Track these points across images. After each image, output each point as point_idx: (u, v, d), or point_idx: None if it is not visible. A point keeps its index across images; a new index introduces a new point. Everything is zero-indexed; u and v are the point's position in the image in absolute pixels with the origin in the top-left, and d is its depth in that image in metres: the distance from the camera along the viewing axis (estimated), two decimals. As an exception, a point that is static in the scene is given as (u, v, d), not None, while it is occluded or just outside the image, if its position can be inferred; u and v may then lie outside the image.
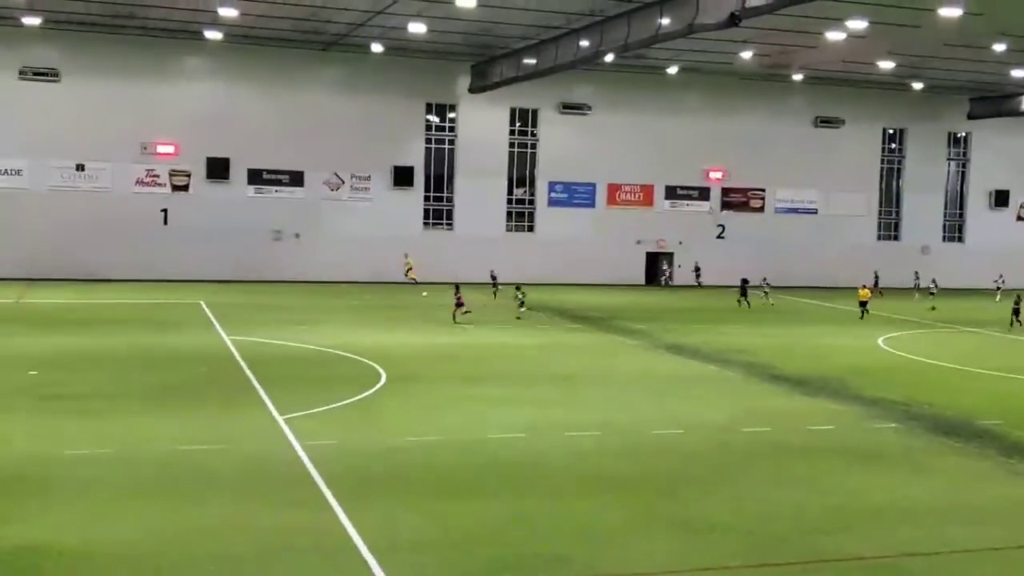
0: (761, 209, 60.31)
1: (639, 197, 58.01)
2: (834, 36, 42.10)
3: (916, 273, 54.78)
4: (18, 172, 48.41)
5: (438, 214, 55.48)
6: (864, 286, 44.55)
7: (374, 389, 23.45)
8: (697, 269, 56.52)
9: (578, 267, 55.44)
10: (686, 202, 58.92)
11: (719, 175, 59.24)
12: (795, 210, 60.88)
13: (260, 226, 51.47)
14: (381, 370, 25.76)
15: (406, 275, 50.89)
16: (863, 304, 42.21)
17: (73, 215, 48.67)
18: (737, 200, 59.87)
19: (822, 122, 60.32)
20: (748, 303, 44.94)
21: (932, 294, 48.84)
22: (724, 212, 59.46)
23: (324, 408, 21.04)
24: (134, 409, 20.54)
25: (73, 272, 47.85)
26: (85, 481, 15.29)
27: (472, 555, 12.74)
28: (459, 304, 36.67)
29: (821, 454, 18.55)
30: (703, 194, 59.18)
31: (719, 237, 59.33)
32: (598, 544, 13.27)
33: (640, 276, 57.87)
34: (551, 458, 17.64)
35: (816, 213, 61.11)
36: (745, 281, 46.62)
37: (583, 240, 56.43)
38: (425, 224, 55.02)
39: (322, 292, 47.10)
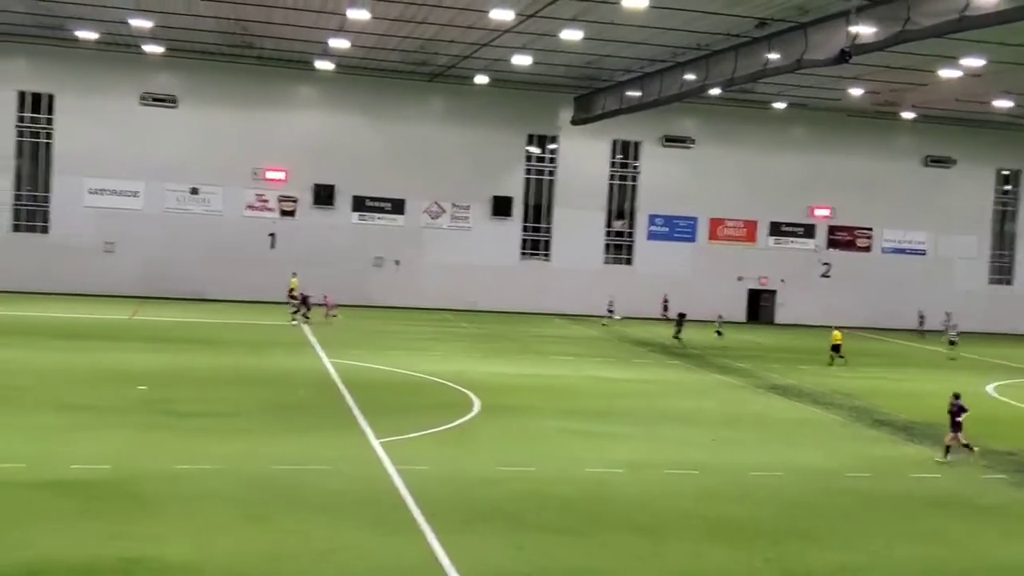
0: (868, 249, 58.93)
1: (742, 233, 57.26)
2: (948, 74, 41.06)
3: (948, 314, 52.16)
4: (135, 194, 50.24)
5: (535, 244, 55.64)
6: (838, 328, 40.22)
7: (468, 417, 23.55)
8: (665, 302, 52.67)
9: (677, 302, 54.74)
10: (790, 239, 57.95)
11: (825, 213, 58.13)
12: (903, 251, 59.31)
13: (362, 252, 52.38)
14: (475, 398, 25.86)
15: (289, 295, 46.21)
16: (835, 348, 37.96)
17: (185, 237, 50.25)
18: (843, 239, 58.62)
19: (932, 161, 58.76)
20: (681, 340, 42.12)
21: (952, 343, 43.98)
22: (830, 250, 58.27)
23: (419, 434, 21.19)
24: (238, 427, 21.01)
25: (184, 291, 49.31)
26: (189, 497, 15.66)
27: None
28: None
29: (927, 504, 17.92)
30: (808, 231, 58.13)
31: (824, 276, 58.12)
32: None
33: (741, 313, 56.97)
34: (649, 496, 17.41)
35: (925, 254, 59.44)
36: (682, 315, 43.62)
37: (682, 275, 55.88)
38: (523, 254, 55.21)
39: (420, 318, 47.59)
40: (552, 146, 55.22)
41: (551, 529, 15.14)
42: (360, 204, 52.76)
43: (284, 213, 51.91)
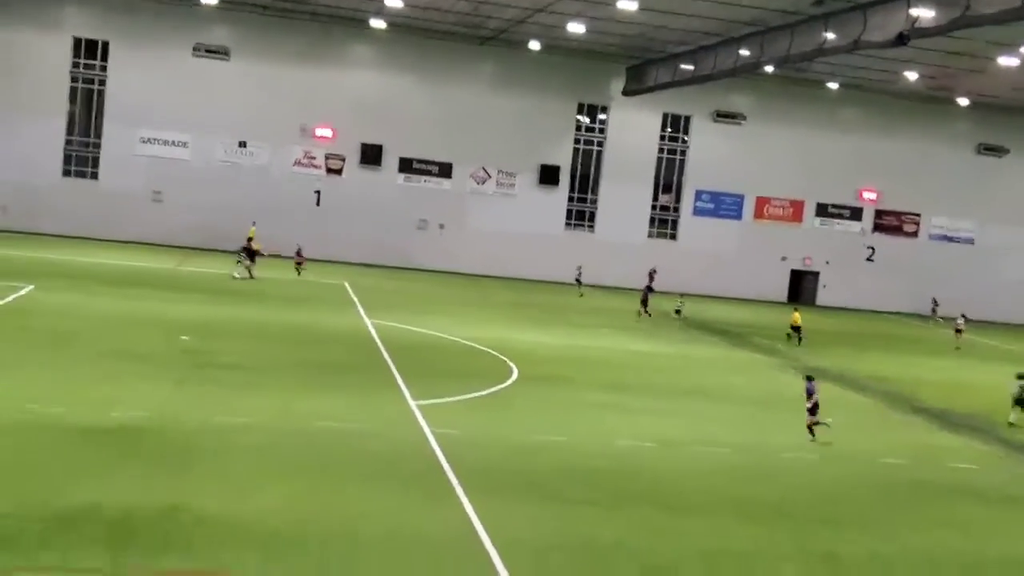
0: (915, 234, 58.20)
1: (788, 212, 56.75)
2: (1006, 61, 40.22)
3: (934, 300, 51.41)
4: (184, 144, 50.72)
5: (580, 215, 55.52)
6: (796, 309, 39.73)
7: (505, 385, 23.70)
8: (579, 270, 49.98)
9: (719, 279, 54.65)
10: (837, 221, 57.35)
11: (873, 196, 57.42)
12: (950, 238, 58.50)
13: (406, 214, 52.57)
14: (514, 366, 26.00)
15: (241, 251, 42.02)
16: (796, 329, 37.20)
17: (232, 190, 50.70)
18: (890, 223, 57.92)
19: (985, 149, 57.74)
20: (649, 313, 40.51)
21: (959, 331, 42.55)
22: (875, 234, 57.59)
23: (456, 398, 21.39)
24: (277, 382, 21.29)
25: (228, 244, 49.79)
26: (226, 449, 15.96)
27: (591, 561, 12.76)
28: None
29: (963, 494, 17.81)
30: (855, 214, 57.48)
31: (868, 260, 57.51)
32: (718, 567, 13.12)
33: (783, 293, 56.59)
34: (678, 473, 17.49)
35: (973, 243, 58.57)
36: (649, 288, 42.67)
37: (726, 252, 55.56)
38: (567, 224, 55.12)
39: (461, 284, 47.79)
40: (602, 116, 54.92)
41: (579, 501, 15.25)
42: (407, 166, 52.88)
43: (330, 171, 52.18)
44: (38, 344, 22.70)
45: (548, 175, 53.99)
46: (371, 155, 52.24)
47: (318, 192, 51.84)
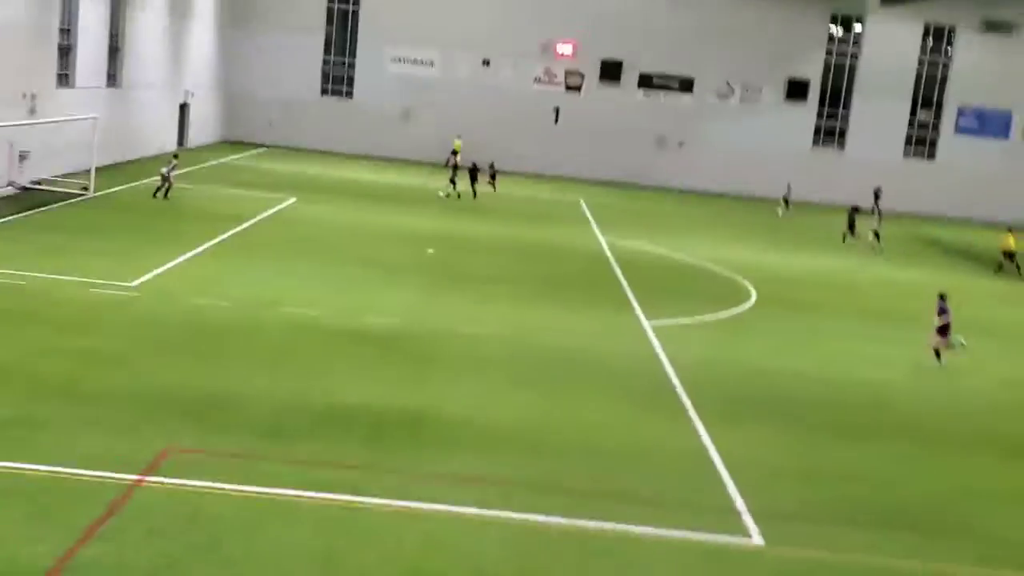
0: None
1: (1063, 131, 51.86)
2: None
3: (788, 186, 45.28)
4: (431, 63, 52.10)
5: (829, 132, 52.97)
6: (1011, 230, 34.18)
7: (743, 307, 23.25)
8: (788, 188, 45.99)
9: (983, 203, 50.88)
10: (1119, 142, 51.89)
11: None
12: None
13: (645, 131, 51.94)
14: (752, 289, 25.44)
15: (448, 163, 43.54)
16: (1009, 256, 33.15)
17: (476, 107, 51.70)
18: None
19: None
20: (855, 236, 36.41)
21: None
22: None
23: (691, 320, 21.21)
24: (518, 295, 21.85)
25: (468, 161, 50.98)
26: (469, 357, 16.60)
27: (828, 490, 12.45)
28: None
29: None
30: None
31: None
32: (973, 504, 12.50)
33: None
34: (935, 406, 16.68)
35: None
36: (855, 209, 37.66)
37: (991, 173, 51.56)
38: (814, 142, 52.79)
39: (700, 203, 46.95)
40: (857, 27, 51.79)
41: (819, 429, 14.87)
42: (646, 81, 52.03)
43: (569, 88, 52.16)
44: (298, 252, 24.26)
45: (796, 90, 51.70)
46: (610, 71, 51.76)
47: (557, 109, 52.06)
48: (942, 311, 19.15)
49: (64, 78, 32.99)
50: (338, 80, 52.92)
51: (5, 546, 8.90)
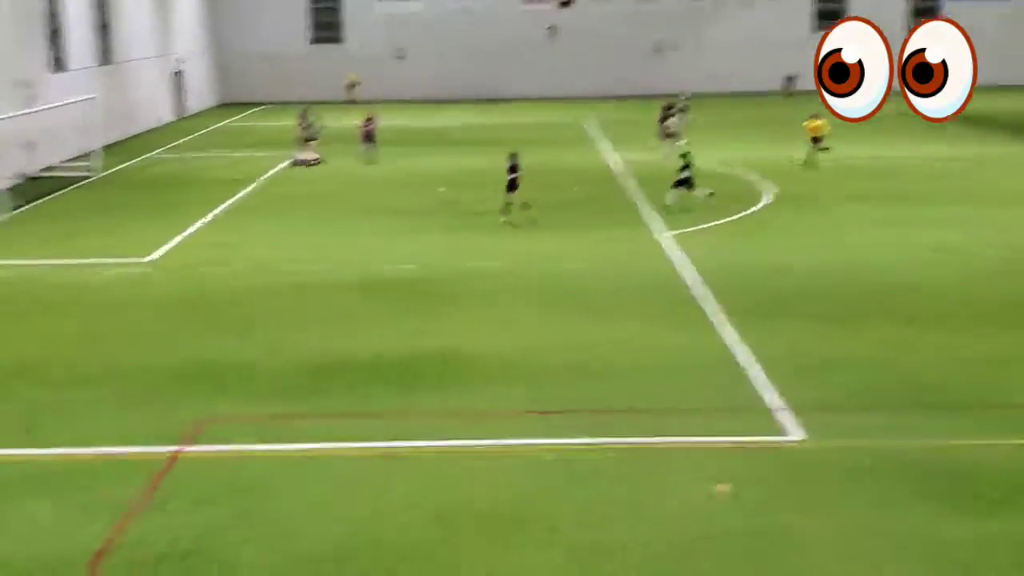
0: None
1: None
2: None
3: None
4: (417, -3, 51.32)
5: (828, 15, 51.76)
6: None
7: (762, 205, 23.08)
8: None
9: (984, 68, 49.69)
10: None
11: None
12: None
13: (640, 40, 51.05)
14: (767, 186, 25.18)
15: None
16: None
17: (467, 38, 50.91)
18: None
19: None
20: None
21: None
22: None
23: (709, 225, 21.06)
24: (530, 225, 21.58)
25: (470, 94, 50.45)
26: (488, 293, 16.58)
27: (852, 378, 12.48)
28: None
29: None
30: None
31: None
32: (976, 375, 12.57)
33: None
34: (946, 286, 16.55)
35: None
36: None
37: (991, 40, 50.34)
38: (812, 28, 51.65)
39: (703, 105, 46.16)
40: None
41: (842, 318, 14.82)
42: (637, -11, 51.04)
43: (562, 4, 51.18)
44: (307, 209, 24.10)
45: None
46: (600, -17, 50.75)
47: (551, 27, 51.17)
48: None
49: (58, 61, 32.73)
50: (327, 27, 52.10)
51: (55, 529, 9.08)
